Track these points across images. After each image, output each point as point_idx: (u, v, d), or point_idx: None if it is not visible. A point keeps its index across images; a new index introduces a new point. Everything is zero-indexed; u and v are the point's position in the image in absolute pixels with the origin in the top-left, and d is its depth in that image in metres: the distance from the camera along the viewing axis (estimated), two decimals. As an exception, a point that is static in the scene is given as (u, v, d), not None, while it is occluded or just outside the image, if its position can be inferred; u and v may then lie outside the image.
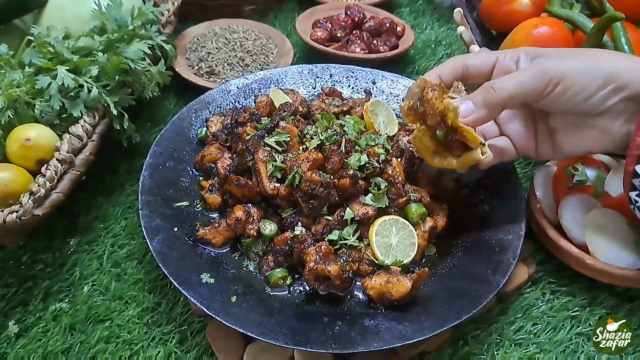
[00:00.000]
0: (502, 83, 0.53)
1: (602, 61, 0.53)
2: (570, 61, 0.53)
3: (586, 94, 0.51)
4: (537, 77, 0.52)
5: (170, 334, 0.60)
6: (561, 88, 0.52)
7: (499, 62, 0.57)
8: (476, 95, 0.54)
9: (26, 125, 0.66)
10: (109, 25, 0.78)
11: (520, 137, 0.60)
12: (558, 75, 0.51)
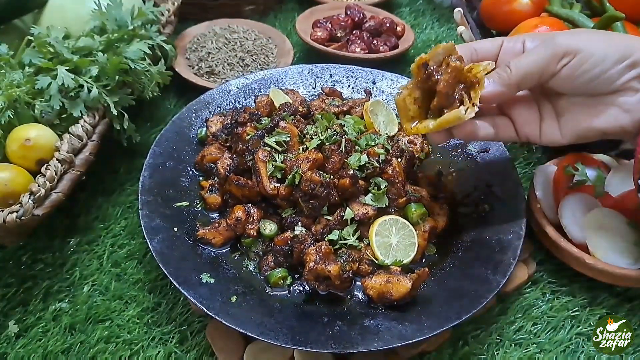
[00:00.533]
0: (517, 62, 0.52)
1: (617, 37, 0.52)
2: (585, 35, 0.52)
3: (603, 67, 0.50)
4: (551, 52, 0.51)
5: (170, 334, 0.60)
6: (577, 60, 0.50)
7: (504, 46, 0.57)
8: (494, 75, 0.53)
9: (26, 125, 0.66)
10: (109, 25, 0.78)
11: (524, 120, 0.58)
12: (573, 47, 0.50)
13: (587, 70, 0.50)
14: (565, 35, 0.52)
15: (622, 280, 0.63)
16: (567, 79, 0.51)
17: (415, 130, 0.56)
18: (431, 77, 0.53)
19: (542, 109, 0.58)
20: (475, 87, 0.52)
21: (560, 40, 0.51)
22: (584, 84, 0.51)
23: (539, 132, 0.57)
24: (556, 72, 0.51)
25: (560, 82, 0.52)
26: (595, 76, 0.50)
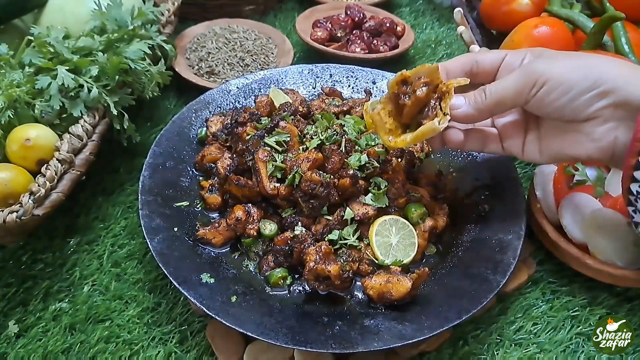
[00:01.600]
0: (492, 87, 0.53)
1: (593, 65, 0.51)
2: (560, 62, 0.51)
3: (571, 96, 0.50)
4: (523, 79, 0.51)
5: (170, 334, 0.60)
6: (546, 89, 0.50)
7: (506, 60, 0.56)
8: (470, 95, 0.54)
9: (26, 125, 0.66)
10: (109, 25, 0.78)
11: (509, 135, 0.59)
12: (544, 76, 0.50)
13: (555, 99, 0.50)
14: (543, 61, 0.52)
15: (622, 280, 0.63)
16: (538, 106, 0.52)
17: (394, 145, 0.57)
18: (405, 95, 0.56)
19: (528, 126, 0.58)
20: (445, 97, 0.53)
21: (535, 67, 0.51)
22: (554, 111, 0.52)
23: (521, 149, 0.58)
24: (528, 100, 0.52)
25: (534, 109, 0.53)
26: (563, 105, 0.51)
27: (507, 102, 0.53)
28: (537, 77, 0.51)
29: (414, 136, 0.55)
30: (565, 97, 0.50)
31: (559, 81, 0.50)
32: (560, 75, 0.50)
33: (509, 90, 0.52)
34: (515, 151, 0.59)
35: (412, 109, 0.55)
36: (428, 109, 0.54)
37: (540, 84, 0.51)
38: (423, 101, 0.55)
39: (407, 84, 0.55)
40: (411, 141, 0.55)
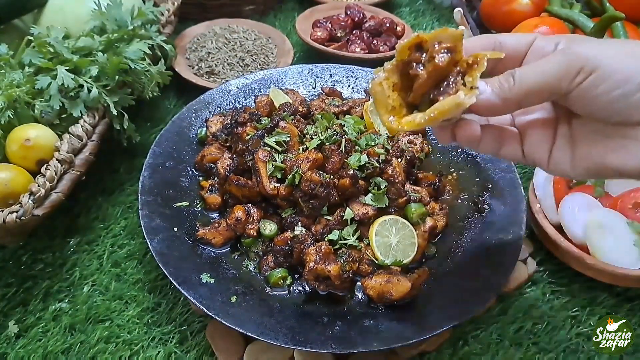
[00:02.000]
0: (523, 72, 0.41)
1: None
2: (612, 47, 0.41)
3: (626, 90, 0.39)
4: (565, 62, 0.40)
5: (170, 334, 0.60)
6: (594, 78, 0.39)
7: (535, 45, 0.45)
8: (493, 80, 0.42)
9: (26, 125, 0.65)
10: (108, 25, 0.78)
11: (533, 137, 0.46)
12: (592, 61, 0.39)
13: (605, 91, 0.39)
14: (588, 45, 0.41)
15: (622, 280, 0.63)
16: (581, 100, 0.41)
17: (398, 127, 0.42)
18: (418, 63, 0.42)
19: (559, 128, 0.46)
20: (474, 68, 0.41)
21: (580, 50, 0.40)
22: (602, 109, 0.41)
23: (547, 156, 0.46)
24: (569, 90, 0.40)
25: (575, 103, 0.42)
26: (614, 100, 0.40)
27: (543, 92, 0.41)
28: (584, 62, 0.39)
29: (430, 113, 0.40)
30: (618, 90, 0.39)
31: (613, 69, 0.39)
32: (614, 62, 0.39)
33: (547, 75, 0.40)
34: (539, 158, 0.46)
35: (426, 82, 0.42)
36: (447, 84, 0.41)
37: (587, 71, 0.39)
38: (442, 72, 0.41)
39: (422, 50, 0.42)
40: (424, 122, 0.40)
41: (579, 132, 0.44)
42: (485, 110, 0.42)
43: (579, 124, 0.44)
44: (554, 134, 0.46)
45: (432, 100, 0.42)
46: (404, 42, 0.42)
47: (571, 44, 0.42)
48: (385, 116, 0.43)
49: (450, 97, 0.40)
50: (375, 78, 0.43)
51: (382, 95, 0.43)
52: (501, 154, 0.47)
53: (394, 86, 0.44)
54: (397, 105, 0.43)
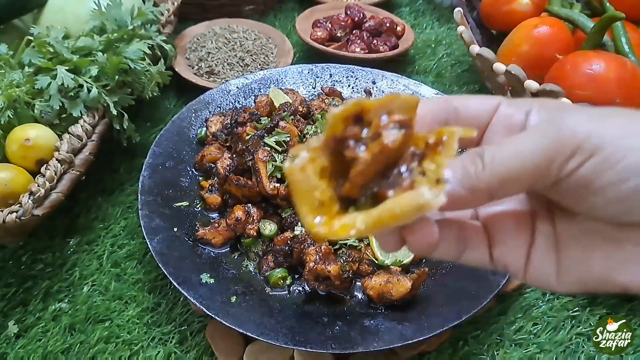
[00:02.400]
0: (496, 153, 0.29)
1: None
2: (612, 119, 0.29)
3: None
4: (554, 141, 0.28)
5: (170, 334, 0.60)
6: (598, 162, 0.28)
7: (500, 113, 0.34)
8: (455, 165, 0.29)
9: (26, 125, 0.65)
10: (108, 25, 0.78)
11: (505, 239, 0.33)
12: (592, 139, 0.28)
13: (612, 182, 0.28)
14: (580, 116, 0.29)
15: (622, 280, 0.63)
16: (576, 192, 0.29)
17: (326, 232, 0.28)
18: (357, 142, 0.29)
19: (538, 227, 0.34)
20: (437, 151, 0.28)
21: (571, 123, 0.29)
22: (605, 205, 0.29)
23: (523, 263, 0.33)
24: (561, 179, 0.29)
25: (566, 196, 0.30)
26: (625, 194, 0.28)
27: (524, 179, 0.29)
28: (580, 139, 0.28)
29: (377, 217, 0.27)
30: (633, 181, 0.28)
31: (623, 151, 0.28)
32: (624, 141, 0.28)
33: (529, 157, 0.29)
34: (513, 266, 0.34)
35: (368, 168, 0.28)
36: (398, 173, 0.29)
37: (586, 151, 0.28)
38: (390, 156, 0.29)
39: (363, 122, 0.29)
40: (367, 229, 0.27)
41: (568, 232, 0.32)
42: (447, 205, 0.29)
43: (567, 221, 0.32)
44: (531, 233, 0.33)
45: (377, 195, 0.28)
46: (338, 111, 0.29)
47: (556, 115, 0.30)
48: (309, 216, 0.28)
49: (408, 194, 0.27)
50: (295, 160, 0.29)
51: (304, 186, 0.29)
52: (462, 260, 0.33)
53: (323, 172, 0.29)
54: (326, 200, 0.29)
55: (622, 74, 0.75)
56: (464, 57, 1.08)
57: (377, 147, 0.28)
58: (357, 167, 0.28)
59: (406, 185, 0.27)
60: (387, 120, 0.28)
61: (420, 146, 0.29)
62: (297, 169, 0.29)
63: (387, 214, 0.26)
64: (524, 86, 0.78)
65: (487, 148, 0.30)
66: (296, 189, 0.29)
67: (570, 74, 0.76)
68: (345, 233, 0.27)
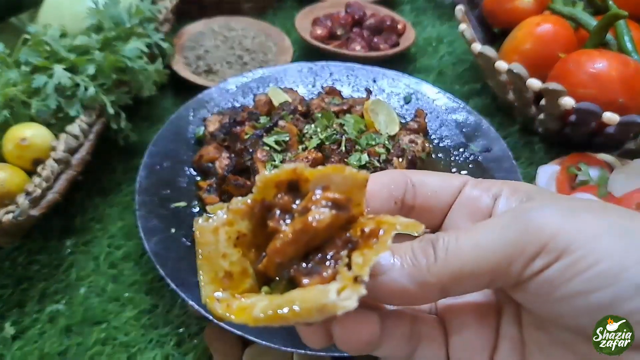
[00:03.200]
0: (452, 242, 0.26)
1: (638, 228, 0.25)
2: (586, 215, 0.25)
3: (621, 289, 0.24)
4: (518, 235, 0.25)
5: (168, 336, 0.60)
6: (566, 265, 0.24)
7: (466, 192, 0.31)
8: (405, 252, 0.26)
9: (22, 125, 0.65)
10: (106, 24, 0.77)
11: (464, 341, 0.29)
12: (561, 237, 0.24)
13: (583, 290, 0.24)
14: (551, 209, 0.26)
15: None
16: (542, 297, 0.26)
17: (222, 312, 0.25)
18: (283, 213, 0.26)
19: (503, 328, 0.30)
20: (367, 244, 0.24)
21: (539, 217, 0.25)
22: (574, 315, 0.25)
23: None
24: (523, 280, 0.26)
25: (531, 300, 0.27)
26: (598, 304, 0.24)
27: (481, 277, 0.25)
28: (547, 238, 0.25)
29: (276, 309, 0.23)
30: (607, 290, 0.24)
31: (597, 255, 0.24)
32: (597, 243, 0.24)
33: (489, 251, 0.25)
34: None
35: (287, 246, 0.25)
36: (322, 258, 0.25)
37: (554, 252, 0.24)
38: (318, 236, 0.25)
39: (297, 192, 0.26)
40: (264, 319, 0.23)
41: (535, 341, 0.28)
42: (391, 299, 0.26)
43: (535, 327, 0.28)
44: (495, 335, 0.29)
45: (292, 279, 0.25)
46: (270, 174, 0.25)
47: (525, 206, 0.27)
48: (209, 287, 0.25)
49: (314, 289, 0.23)
50: (210, 219, 0.26)
51: (211, 251, 0.26)
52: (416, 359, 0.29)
53: (239, 239, 0.26)
54: (236, 272, 0.26)
55: (625, 73, 0.74)
56: (465, 55, 1.07)
57: (300, 225, 0.24)
58: (276, 242, 0.25)
59: (325, 277, 0.24)
60: (319, 196, 0.24)
61: (356, 233, 0.25)
62: (208, 230, 0.25)
63: (287, 307, 0.22)
64: (526, 85, 0.77)
65: (443, 236, 0.26)
66: (202, 252, 0.26)
67: (573, 72, 0.76)
68: (241, 318, 0.23)
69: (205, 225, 0.26)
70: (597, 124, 0.74)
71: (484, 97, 0.96)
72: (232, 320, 0.24)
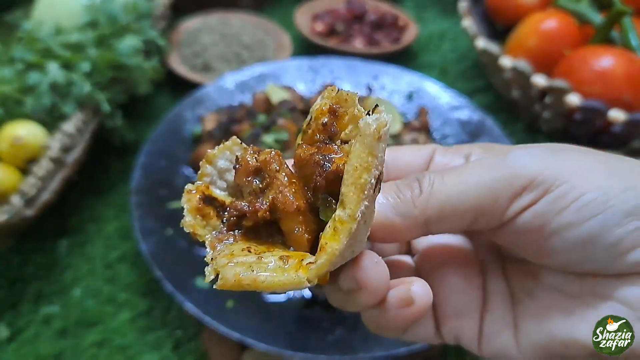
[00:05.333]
0: (436, 178, 0.26)
1: (625, 166, 0.26)
2: (569, 157, 0.26)
3: (609, 216, 0.24)
4: (501, 174, 0.25)
5: (165, 339, 0.58)
6: (556, 197, 0.25)
7: (436, 160, 0.31)
8: (390, 188, 0.27)
9: (16, 123, 0.63)
10: (101, 20, 0.76)
11: (453, 302, 0.29)
12: (548, 174, 0.25)
13: (573, 221, 0.25)
14: (533, 152, 0.26)
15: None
16: (530, 235, 0.26)
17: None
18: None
19: (490, 286, 0.30)
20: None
21: (523, 159, 0.26)
22: (565, 249, 0.25)
23: (477, 331, 0.29)
24: (509, 217, 0.25)
25: (519, 241, 0.26)
26: (588, 235, 0.25)
27: (467, 212, 0.25)
28: (533, 175, 0.25)
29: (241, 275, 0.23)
30: (596, 218, 0.24)
31: (584, 185, 0.25)
32: (583, 176, 0.25)
33: (472, 188, 0.25)
34: (464, 334, 0.30)
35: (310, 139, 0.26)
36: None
37: (541, 186, 0.25)
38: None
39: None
40: (229, 283, 0.24)
41: (523, 289, 0.28)
42: (377, 232, 0.26)
43: (522, 275, 0.29)
44: (483, 293, 0.29)
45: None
46: (318, 105, 0.26)
47: (504, 152, 0.27)
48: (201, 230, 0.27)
49: (290, 257, 0.24)
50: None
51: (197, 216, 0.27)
52: (409, 334, 0.29)
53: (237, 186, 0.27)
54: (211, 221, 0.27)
55: (631, 70, 0.73)
56: (468, 52, 1.06)
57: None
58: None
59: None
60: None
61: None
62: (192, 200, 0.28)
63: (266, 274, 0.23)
64: (530, 82, 0.75)
65: (428, 174, 0.27)
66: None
67: (579, 69, 0.74)
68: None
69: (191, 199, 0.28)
70: (603, 122, 0.72)
71: (487, 95, 0.95)
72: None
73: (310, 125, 0.26)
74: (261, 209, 0.25)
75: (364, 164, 0.22)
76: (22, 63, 0.68)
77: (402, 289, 0.25)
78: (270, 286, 0.22)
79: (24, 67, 0.68)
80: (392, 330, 0.27)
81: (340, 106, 0.25)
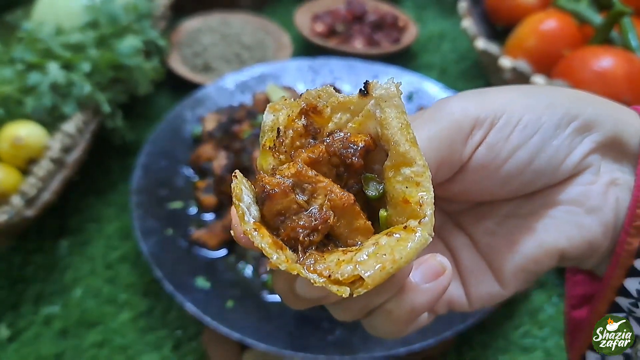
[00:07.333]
0: None
1: (550, 93, 0.31)
2: (493, 94, 0.31)
3: (543, 135, 0.29)
4: (447, 124, 0.28)
5: (165, 339, 0.59)
6: (498, 130, 0.29)
7: None
8: None
9: (16, 123, 0.63)
10: (101, 20, 0.76)
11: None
12: (486, 110, 0.29)
13: (519, 142, 0.29)
14: (463, 98, 0.30)
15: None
16: (486, 169, 0.29)
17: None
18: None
19: (453, 243, 0.34)
20: None
21: (460, 104, 0.29)
22: (516, 171, 0.29)
23: (462, 289, 0.33)
24: (467, 156, 0.29)
25: (475, 179, 0.30)
26: (532, 153, 0.29)
27: (429, 165, 0.26)
28: (474, 115, 0.29)
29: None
30: (533, 139, 0.29)
31: (518, 111, 0.29)
32: (513, 104, 0.30)
33: (427, 141, 0.28)
34: (456, 297, 0.33)
35: None
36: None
37: (485, 124, 0.29)
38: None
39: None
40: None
41: (483, 230, 0.32)
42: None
43: (477, 220, 0.32)
44: (450, 253, 0.33)
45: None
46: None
47: (438, 109, 0.29)
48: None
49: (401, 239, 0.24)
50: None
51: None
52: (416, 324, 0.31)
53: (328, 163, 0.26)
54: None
55: (631, 70, 0.73)
56: (468, 52, 1.06)
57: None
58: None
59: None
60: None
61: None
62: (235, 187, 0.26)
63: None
64: (529, 82, 0.75)
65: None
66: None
67: (578, 70, 0.74)
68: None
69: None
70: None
71: (486, 95, 0.95)
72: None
73: (281, 138, 0.26)
74: (330, 216, 0.24)
75: (403, 122, 0.25)
76: (22, 63, 0.68)
77: (432, 261, 0.27)
78: (408, 258, 0.23)
79: (24, 68, 0.68)
80: (409, 317, 0.27)
81: (316, 103, 0.26)
